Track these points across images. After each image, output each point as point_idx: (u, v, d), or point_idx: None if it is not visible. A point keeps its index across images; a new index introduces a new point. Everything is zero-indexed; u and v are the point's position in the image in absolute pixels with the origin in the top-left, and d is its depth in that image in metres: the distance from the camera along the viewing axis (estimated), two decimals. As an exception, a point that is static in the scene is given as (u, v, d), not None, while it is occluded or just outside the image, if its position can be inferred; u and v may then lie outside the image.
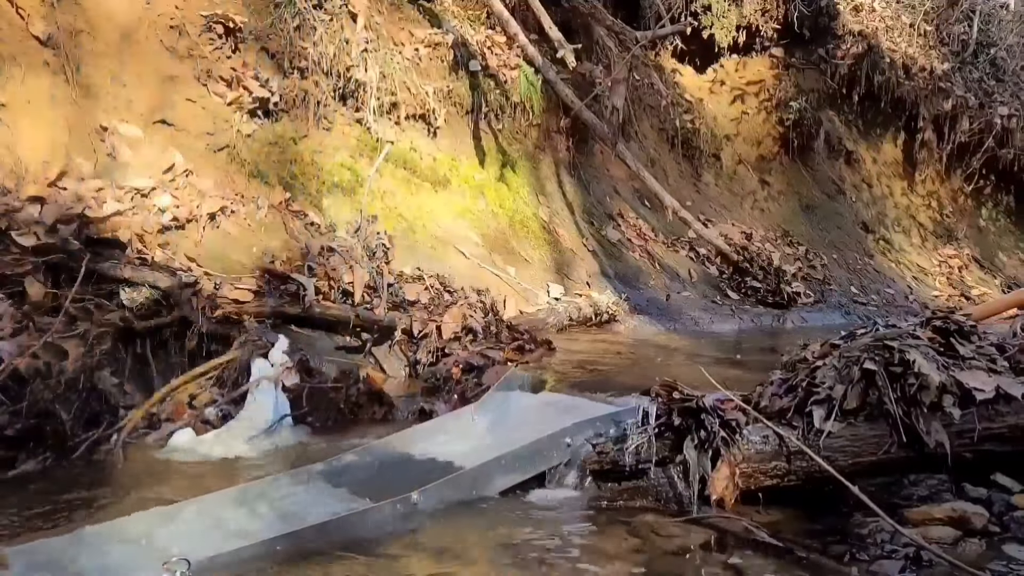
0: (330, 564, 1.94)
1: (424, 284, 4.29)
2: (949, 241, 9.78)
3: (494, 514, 2.28)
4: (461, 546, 2.08)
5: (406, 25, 5.76)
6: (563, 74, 6.14)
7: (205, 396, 3.11)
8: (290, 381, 3.15)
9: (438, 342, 3.83)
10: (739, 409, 2.43)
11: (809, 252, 8.07)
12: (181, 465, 2.63)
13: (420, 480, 2.30)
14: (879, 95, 9.26)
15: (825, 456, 2.29)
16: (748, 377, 3.29)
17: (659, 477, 2.40)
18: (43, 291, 3.00)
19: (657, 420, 2.43)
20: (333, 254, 4.14)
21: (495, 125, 6.08)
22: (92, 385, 2.74)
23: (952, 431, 2.33)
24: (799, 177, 8.85)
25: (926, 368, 2.33)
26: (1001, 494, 2.36)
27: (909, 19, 9.62)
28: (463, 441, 2.66)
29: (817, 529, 2.24)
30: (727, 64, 8.68)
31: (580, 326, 5.16)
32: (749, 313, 6.54)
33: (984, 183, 10.06)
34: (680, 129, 7.84)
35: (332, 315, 3.78)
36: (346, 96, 5.13)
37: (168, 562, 1.46)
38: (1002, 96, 9.73)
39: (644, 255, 6.56)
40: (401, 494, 2.20)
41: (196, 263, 3.73)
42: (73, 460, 2.59)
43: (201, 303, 3.36)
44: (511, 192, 5.98)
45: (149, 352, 3.17)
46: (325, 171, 4.84)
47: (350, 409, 3.26)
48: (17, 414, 2.52)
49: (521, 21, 6.05)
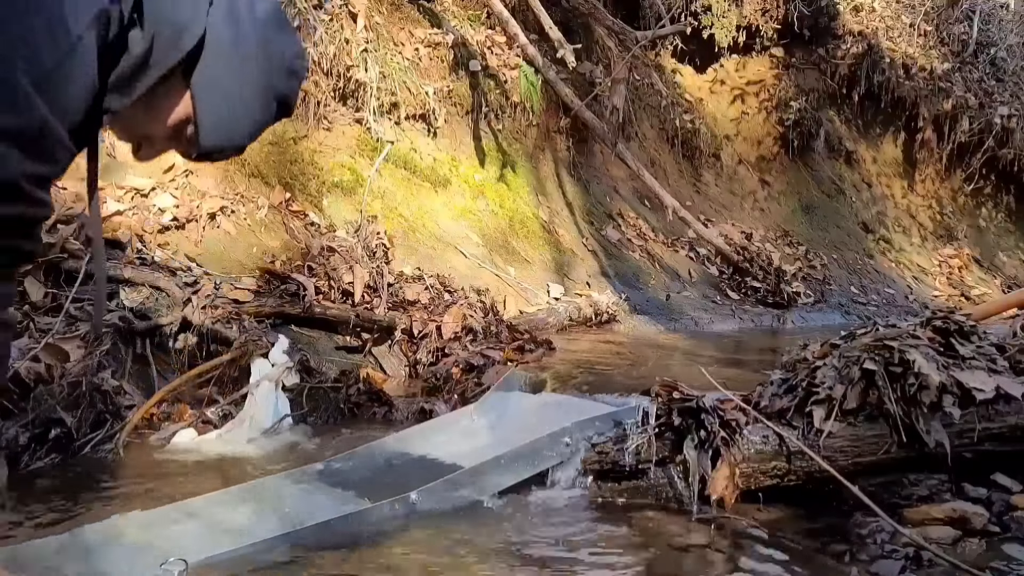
0: (328, 564, 1.94)
1: (424, 284, 4.29)
2: (949, 241, 9.78)
3: (494, 514, 2.28)
4: (461, 546, 2.08)
5: (406, 25, 5.76)
6: (563, 74, 6.14)
7: (205, 396, 3.11)
8: (290, 381, 3.15)
9: (438, 342, 3.83)
10: (739, 409, 2.43)
11: (809, 252, 8.07)
12: (183, 465, 2.63)
13: (419, 480, 2.30)
14: (879, 95, 9.26)
15: (825, 456, 2.29)
16: (748, 377, 3.30)
17: (659, 477, 2.40)
18: (43, 291, 3.00)
19: (657, 420, 2.43)
20: (333, 254, 4.14)
21: (495, 125, 6.08)
22: (96, 386, 2.74)
23: (952, 431, 2.33)
24: (799, 177, 8.85)
25: (926, 368, 2.33)
26: (1001, 494, 2.36)
27: (909, 19, 9.62)
28: (463, 441, 2.66)
29: (817, 529, 2.25)
30: (727, 64, 8.68)
31: (580, 326, 5.16)
32: (749, 313, 6.54)
33: (984, 183, 10.05)
34: (680, 129, 7.83)
35: (332, 315, 3.78)
36: (346, 96, 5.13)
37: (166, 563, 1.45)
38: (1002, 96, 9.72)
39: (644, 255, 6.56)
40: (400, 494, 2.20)
41: (196, 263, 3.73)
42: (78, 460, 2.59)
43: (201, 303, 3.36)
44: (511, 192, 5.99)
45: (149, 352, 3.17)
46: (325, 171, 4.84)
47: (350, 409, 3.27)
48: (24, 425, 2.53)
49: (521, 21, 6.05)
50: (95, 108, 1.13)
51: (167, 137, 1.25)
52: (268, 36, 1.22)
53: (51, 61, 1.01)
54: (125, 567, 1.81)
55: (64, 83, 1.04)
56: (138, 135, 1.26)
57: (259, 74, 1.22)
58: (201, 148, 1.24)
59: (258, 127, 1.28)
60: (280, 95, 1.27)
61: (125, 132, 1.27)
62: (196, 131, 1.21)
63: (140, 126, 1.24)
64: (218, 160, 1.33)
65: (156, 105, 1.20)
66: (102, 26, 1.06)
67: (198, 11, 1.14)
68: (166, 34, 1.12)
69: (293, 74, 1.27)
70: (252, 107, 1.24)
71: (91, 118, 1.14)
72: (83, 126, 1.12)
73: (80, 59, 1.04)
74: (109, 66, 1.11)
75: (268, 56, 1.22)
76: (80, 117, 1.09)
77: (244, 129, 1.25)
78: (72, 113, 1.07)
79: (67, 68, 1.03)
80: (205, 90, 1.19)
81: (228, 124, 1.23)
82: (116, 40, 1.09)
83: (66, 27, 1.02)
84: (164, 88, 1.18)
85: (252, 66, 1.20)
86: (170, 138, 1.25)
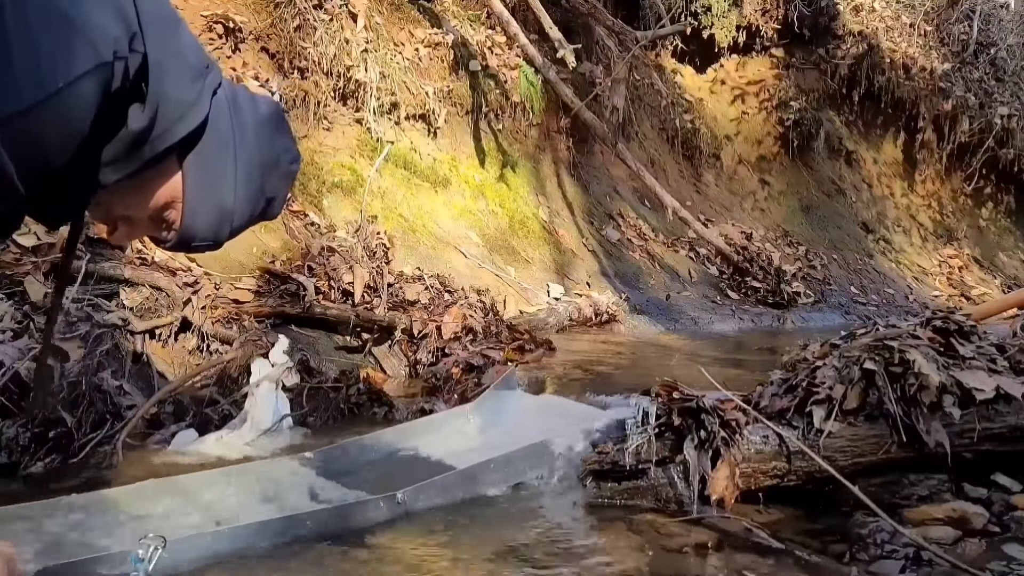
0: (305, 555, 1.94)
1: (424, 284, 4.29)
2: (949, 241, 9.78)
3: (489, 514, 2.28)
4: (453, 546, 2.07)
5: (406, 25, 5.77)
6: (563, 74, 6.14)
7: (205, 396, 3.11)
8: (290, 381, 3.15)
9: (438, 342, 3.83)
10: (739, 409, 2.43)
11: (809, 252, 8.07)
12: (183, 466, 2.63)
13: (409, 478, 2.29)
14: (879, 95, 9.26)
15: (825, 456, 2.29)
16: (748, 377, 3.29)
17: (659, 477, 2.40)
18: (43, 291, 3.00)
19: (657, 420, 2.43)
20: (333, 254, 4.14)
21: (495, 125, 6.08)
22: (96, 386, 2.74)
23: (952, 431, 2.33)
24: (799, 177, 8.85)
25: (926, 368, 2.33)
26: (1001, 494, 2.36)
27: (909, 19, 9.62)
28: (456, 441, 2.65)
29: (817, 529, 2.25)
30: (727, 64, 8.68)
31: (580, 326, 5.16)
32: (749, 313, 6.54)
33: (984, 183, 10.06)
34: (680, 129, 7.84)
35: (332, 315, 3.78)
36: (346, 96, 5.13)
37: (144, 538, 1.45)
38: (1002, 96, 9.72)
39: (644, 255, 6.56)
40: (389, 491, 2.19)
41: (196, 263, 3.73)
42: (78, 461, 2.59)
43: (201, 303, 3.36)
44: (511, 192, 5.99)
45: (149, 352, 3.17)
46: (325, 171, 4.84)
47: (350, 409, 3.27)
48: (24, 425, 2.53)
49: (521, 21, 6.05)
50: (87, 177, 1.08)
51: (149, 219, 1.18)
52: (269, 134, 1.19)
53: (29, 100, 0.95)
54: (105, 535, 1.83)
55: (36, 128, 0.97)
56: (118, 215, 1.18)
57: (255, 169, 1.18)
58: (183, 236, 1.18)
59: (244, 222, 1.23)
60: (271, 196, 1.23)
61: (105, 210, 1.19)
62: (181, 217, 1.16)
63: (124, 205, 1.17)
64: (194, 252, 1.25)
65: (146, 185, 1.13)
66: (102, 81, 1.00)
67: (203, 94, 1.10)
68: (169, 111, 1.07)
69: (287, 177, 1.24)
70: (242, 200, 1.18)
71: (80, 185, 1.08)
72: (64, 187, 1.06)
73: (63, 107, 0.98)
74: (106, 134, 1.05)
75: (266, 154, 1.19)
76: (56, 169, 1.03)
77: (230, 221, 1.20)
78: (39, 164, 1.00)
79: (43, 114, 0.97)
80: (198, 174, 1.14)
81: (216, 214, 1.18)
82: (116, 103, 1.03)
83: (53, 71, 0.96)
84: (157, 168, 1.12)
85: (248, 160, 1.17)
86: (152, 220, 1.18)
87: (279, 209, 1.29)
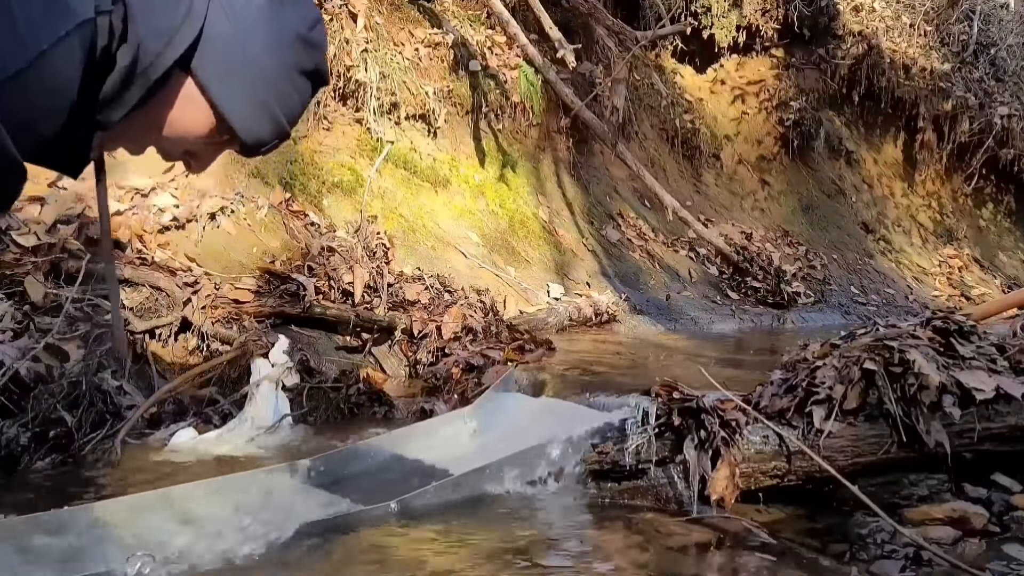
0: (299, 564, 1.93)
1: (424, 284, 4.29)
2: (949, 241, 9.78)
3: (488, 516, 2.27)
4: (454, 549, 2.07)
5: (406, 25, 5.77)
6: (563, 74, 6.14)
7: (205, 396, 3.12)
8: (290, 381, 3.15)
9: (438, 342, 3.83)
10: (739, 409, 2.43)
11: (809, 252, 8.07)
12: (182, 465, 2.63)
13: (404, 484, 2.27)
14: (879, 95, 9.26)
15: (825, 456, 2.29)
16: (748, 377, 3.29)
17: (659, 477, 2.40)
18: (43, 291, 3.00)
19: (657, 420, 2.43)
20: (333, 254, 4.14)
21: (495, 125, 6.08)
22: (96, 386, 2.74)
23: (952, 431, 2.33)
24: (799, 177, 8.85)
25: (926, 368, 2.33)
26: (1001, 494, 2.36)
27: (909, 19, 9.62)
28: (452, 446, 2.64)
29: (817, 529, 2.25)
30: (727, 64, 8.68)
31: (580, 326, 5.16)
32: (749, 313, 6.54)
33: (984, 183, 10.06)
34: (680, 129, 7.84)
35: (332, 315, 3.78)
36: (346, 96, 5.14)
37: (132, 555, 1.45)
38: (1002, 96, 9.72)
39: (644, 255, 6.56)
40: (383, 498, 2.17)
41: (196, 263, 3.73)
42: (77, 460, 2.59)
43: (201, 303, 3.37)
44: (511, 192, 5.99)
45: (149, 352, 3.17)
46: (325, 171, 4.84)
47: (350, 409, 3.26)
48: (24, 425, 2.53)
49: (521, 21, 6.05)
50: (88, 122, 1.10)
51: (203, 141, 1.22)
52: (271, 12, 1.18)
53: (13, 67, 0.97)
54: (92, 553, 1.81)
55: (25, 93, 0.99)
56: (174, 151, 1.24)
57: (274, 56, 1.18)
58: (244, 142, 1.22)
59: (294, 107, 1.24)
60: (305, 69, 1.23)
61: (139, 143, 1.24)
62: (231, 128, 1.19)
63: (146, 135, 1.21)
64: (269, 151, 1.28)
65: (165, 109, 1.17)
66: (86, 38, 1.01)
67: (192, 11, 1.11)
68: (151, 42, 1.08)
69: (310, 44, 1.22)
70: (280, 90, 1.20)
71: (81, 132, 1.11)
72: (64, 142, 1.09)
73: (52, 68, 1.00)
74: (99, 81, 1.08)
75: (277, 36, 1.18)
76: (49, 134, 1.06)
77: (276, 108, 1.22)
78: (32, 126, 1.03)
79: (30, 77, 0.98)
80: (217, 84, 1.16)
81: (259, 113, 1.20)
82: (106, 54, 1.06)
83: (37, 35, 0.98)
84: (164, 92, 1.14)
85: (262, 51, 1.17)
86: (206, 141, 1.22)
87: (326, 76, 1.29)
